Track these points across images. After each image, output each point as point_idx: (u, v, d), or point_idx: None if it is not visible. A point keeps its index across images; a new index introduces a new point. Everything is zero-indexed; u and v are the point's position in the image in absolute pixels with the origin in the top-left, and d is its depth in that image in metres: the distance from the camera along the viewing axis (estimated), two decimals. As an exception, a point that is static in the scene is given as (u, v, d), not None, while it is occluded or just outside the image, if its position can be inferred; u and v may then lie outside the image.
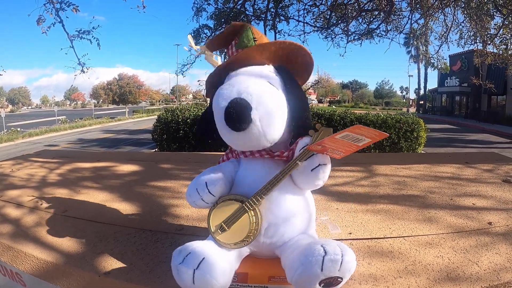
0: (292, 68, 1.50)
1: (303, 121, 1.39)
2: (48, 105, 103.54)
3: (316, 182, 1.31)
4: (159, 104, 76.91)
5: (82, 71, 5.53)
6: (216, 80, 1.50)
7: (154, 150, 11.09)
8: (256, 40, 1.46)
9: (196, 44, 1.69)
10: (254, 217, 1.27)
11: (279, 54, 1.46)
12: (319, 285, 1.08)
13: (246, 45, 1.46)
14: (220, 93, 1.32)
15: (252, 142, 1.31)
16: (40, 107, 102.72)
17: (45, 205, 2.33)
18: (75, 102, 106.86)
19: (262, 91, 1.28)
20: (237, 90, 1.27)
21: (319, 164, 1.27)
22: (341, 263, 1.06)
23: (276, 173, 1.29)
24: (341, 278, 1.08)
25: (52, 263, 1.59)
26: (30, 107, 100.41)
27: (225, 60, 1.52)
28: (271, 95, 1.30)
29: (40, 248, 1.71)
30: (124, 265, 1.53)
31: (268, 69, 1.44)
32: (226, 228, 1.29)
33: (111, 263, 1.55)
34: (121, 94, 47.46)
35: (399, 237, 1.74)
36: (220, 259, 1.21)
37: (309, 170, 1.28)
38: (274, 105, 1.29)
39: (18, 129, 24.16)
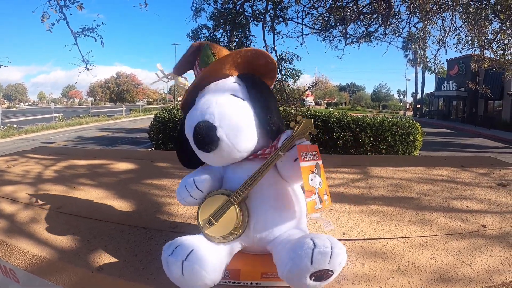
0: (258, 71, 1.54)
1: (269, 125, 1.40)
2: (45, 102, 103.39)
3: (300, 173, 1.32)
4: (156, 103, 76.92)
5: (86, 68, 5.54)
6: (188, 104, 1.55)
7: (151, 149, 11.09)
8: (215, 55, 1.50)
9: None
10: (240, 209, 1.29)
11: (240, 63, 1.49)
12: (310, 278, 1.08)
13: (207, 63, 1.49)
14: (187, 119, 1.39)
15: (225, 157, 1.36)
16: (37, 104, 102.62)
17: (40, 201, 2.33)
18: (72, 100, 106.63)
19: (224, 108, 1.33)
20: (200, 113, 1.34)
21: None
22: (331, 256, 1.06)
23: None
24: (332, 271, 1.08)
25: (45, 258, 1.59)
26: (27, 104, 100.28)
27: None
28: (234, 108, 1.35)
29: (34, 243, 1.71)
30: (117, 262, 1.53)
31: (232, 81, 1.48)
32: (214, 221, 1.31)
33: (105, 260, 1.55)
34: (119, 92, 47.46)
35: (392, 238, 1.75)
36: (210, 252, 1.22)
37: (292, 160, 1.31)
38: (238, 118, 1.33)
39: (15, 125, 24.14)
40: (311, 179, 1.29)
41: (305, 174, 1.26)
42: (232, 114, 1.32)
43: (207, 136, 1.28)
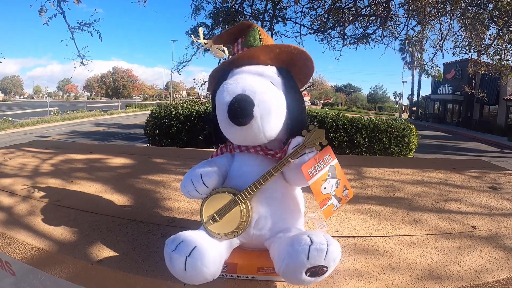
0: (293, 70, 1.54)
1: (298, 123, 1.44)
2: (40, 95, 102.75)
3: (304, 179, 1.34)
4: (152, 100, 76.70)
5: (82, 63, 5.53)
6: (220, 75, 1.54)
7: (146, 145, 11.08)
8: (262, 41, 1.51)
9: (195, 41, 1.72)
10: (245, 209, 1.31)
11: (282, 57, 1.50)
12: (306, 274, 1.11)
13: (252, 44, 1.50)
14: (224, 87, 1.36)
15: (251, 137, 1.35)
16: (33, 97, 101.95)
17: (37, 194, 2.34)
18: (67, 94, 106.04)
19: (264, 90, 1.33)
20: (242, 86, 1.32)
21: None
22: (326, 253, 1.09)
23: (269, 169, 1.32)
24: (327, 268, 1.11)
25: (44, 250, 1.60)
26: (22, 97, 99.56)
27: (230, 56, 1.56)
28: (273, 94, 1.35)
29: (33, 235, 1.73)
30: (116, 254, 1.55)
31: (271, 70, 1.48)
32: (217, 218, 1.33)
33: (104, 252, 1.57)
34: (115, 87, 47.27)
35: (384, 236, 1.78)
36: (211, 248, 1.24)
37: (299, 167, 1.31)
38: (274, 104, 1.34)
39: (10, 118, 23.95)
40: (324, 188, 1.32)
41: (316, 188, 1.30)
42: (270, 99, 1.32)
43: (244, 109, 1.28)
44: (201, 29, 1.71)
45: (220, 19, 8.11)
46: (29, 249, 1.64)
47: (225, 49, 1.67)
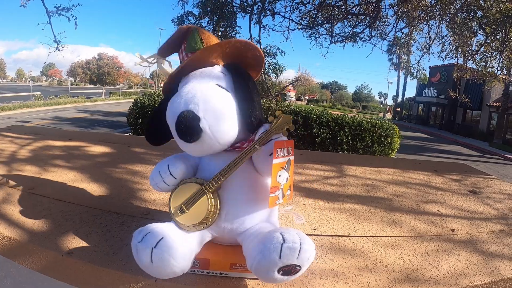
0: (245, 62, 1.54)
1: (250, 118, 1.39)
2: (23, 79, 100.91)
3: None
4: (137, 88, 76.11)
5: (57, 48, 5.41)
6: (170, 87, 1.55)
7: (128, 133, 10.98)
8: (203, 42, 1.49)
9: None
10: (212, 199, 1.29)
11: (228, 53, 1.49)
12: (278, 273, 1.09)
13: (194, 48, 1.49)
14: (170, 106, 1.37)
15: (206, 148, 1.34)
16: (15, 81, 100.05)
17: (11, 181, 2.27)
18: (51, 79, 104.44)
19: (209, 98, 1.31)
20: (184, 102, 1.31)
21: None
22: (299, 251, 1.07)
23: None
24: (300, 267, 1.09)
25: (15, 240, 1.56)
26: (4, 80, 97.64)
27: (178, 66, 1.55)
28: (219, 99, 1.33)
29: (4, 224, 1.67)
30: (88, 246, 1.51)
31: (217, 70, 1.47)
32: (185, 209, 1.31)
33: (75, 243, 1.53)
34: (99, 74, 46.69)
35: (362, 236, 1.77)
36: (180, 240, 1.22)
37: (267, 154, 1.30)
38: (222, 110, 1.32)
39: (-10, 102, 23.50)
40: (279, 176, 1.29)
41: (275, 171, 1.27)
42: (216, 106, 1.30)
43: (190, 126, 1.26)
44: (138, 54, 1.69)
45: (208, 9, 8.04)
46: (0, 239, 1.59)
47: (168, 62, 1.69)
